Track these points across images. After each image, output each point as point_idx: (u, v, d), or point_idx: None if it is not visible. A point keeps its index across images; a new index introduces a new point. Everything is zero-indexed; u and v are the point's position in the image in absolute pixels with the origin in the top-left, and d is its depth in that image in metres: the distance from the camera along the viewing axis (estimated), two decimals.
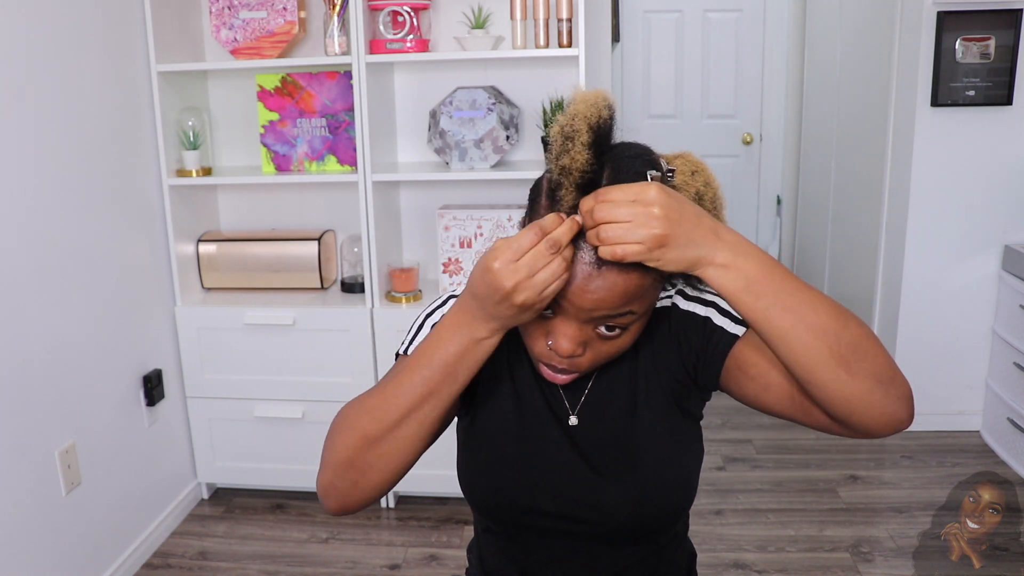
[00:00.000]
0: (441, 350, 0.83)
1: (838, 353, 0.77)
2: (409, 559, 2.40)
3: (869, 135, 3.33)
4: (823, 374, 0.77)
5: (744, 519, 2.56)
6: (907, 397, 0.80)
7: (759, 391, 0.91)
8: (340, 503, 0.89)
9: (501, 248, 0.77)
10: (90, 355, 2.19)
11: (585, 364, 0.90)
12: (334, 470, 0.87)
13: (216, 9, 2.45)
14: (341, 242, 2.71)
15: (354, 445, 0.86)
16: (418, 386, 0.84)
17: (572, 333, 0.86)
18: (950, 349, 3.02)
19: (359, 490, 0.87)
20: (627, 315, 0.86)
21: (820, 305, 0.78)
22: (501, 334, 0.83)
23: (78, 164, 2.13)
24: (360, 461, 0.86)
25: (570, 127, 0.79)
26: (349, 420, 0.87)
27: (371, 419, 0.85)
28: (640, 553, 1.05)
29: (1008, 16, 2.72)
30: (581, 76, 2.31)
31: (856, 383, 0.77)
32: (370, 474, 0.86)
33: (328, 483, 0.88)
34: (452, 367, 0.83)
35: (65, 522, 2.07)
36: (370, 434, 0.85)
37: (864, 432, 0.81)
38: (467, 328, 0.82)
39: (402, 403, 0.84)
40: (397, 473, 0.87)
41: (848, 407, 0.79)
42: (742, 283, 0.77)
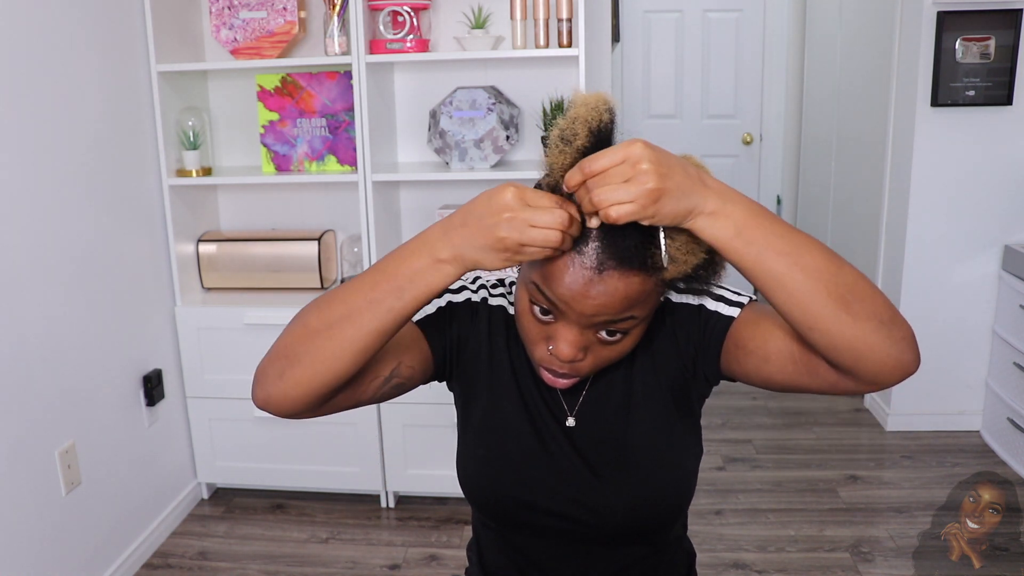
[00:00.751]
0: (399, 260, 0.81)
1: (836, 294, 0.75)
2: (409, 559, 2.40)
3: (869, 135, 3.33)
4: (824, 317, 0.76)
5: (744, 519, 2.56)
6: (910, 339, 0.78)
7: (760, 364, 0.90)
8: (264, 392, 0.84)
9: (524, 187, 0.76)
10: (90, 355, 2.19)
11: (586, 368, 0.90)
12: (270, 355, 0.85)
13: (216, 9, 2.45)
14: (341, 242, 2.71)
15: (294, 333, 0.83)
16: (366, 289, 0.81)
17: (573, 338, 0.86)
18: (950, 349, 3.02)
19: (283, 381, 0.83)
20: (628, 320, 0.85)
21: (813, 247, 0.77)
22: (460, 268, 0.79)
23: (78, 164, 2.13)
24: (292, 351, 0.83)
25: (570, 131, 0.79)
26: (302, 311, 0.85)
27: (317, 311, 0.83)
28: (639, 553, 1.05)
29: (1008, 16, 2.72)
30: (581, 76, 2.31)
31: (858, 324, 0.76)
32: (296, 367, 0.82)
33: (261, 368, 0.85)
34: (402, 282, 0.80)
35: (65, 522, 2.07)
36: (311, 325, 0.83)
37: (871, 380, 0.79)
38: (432, 244, 0.80)
39: (347, 302, 0.82)
40: (320, 376, 0.82)
41: (853, 352, 0.77)
42: (732, 229, 0.76)
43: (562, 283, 0.82)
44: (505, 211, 0.75)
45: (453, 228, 0.79)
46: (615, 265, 0.81)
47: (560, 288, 0.82)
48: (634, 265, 0.81)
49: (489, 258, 0.77)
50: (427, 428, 2.53)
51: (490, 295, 1.04)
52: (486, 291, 1.05)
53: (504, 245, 0.76)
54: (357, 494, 2.73)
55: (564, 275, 0.82)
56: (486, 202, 0.77)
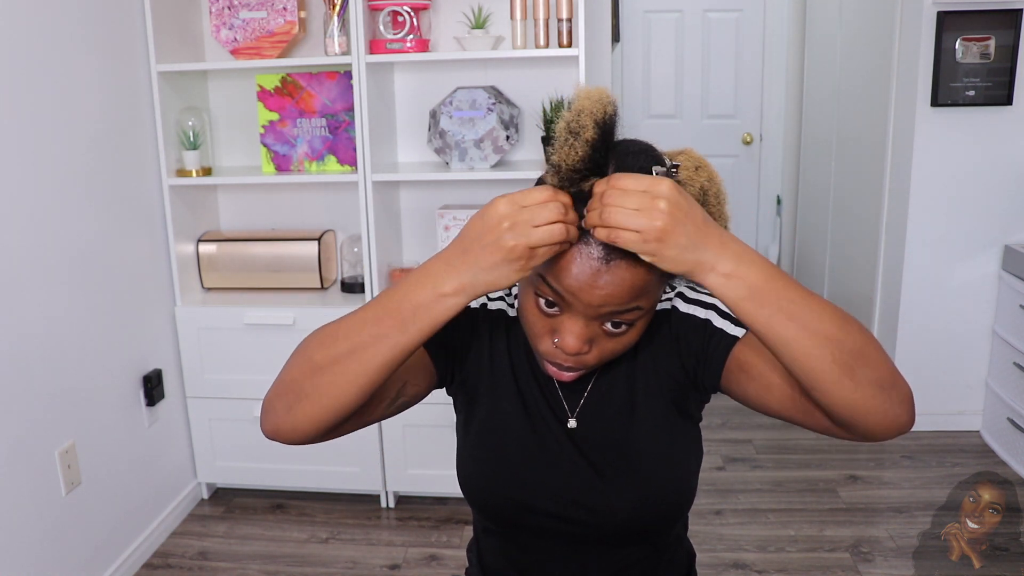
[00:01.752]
0: (402, 296, 0.80)
1: (841, 360, 0.76)
2: (409, 559, 2.41)
3: (869, 135, 3.33)
4: (826, 381, 0.77)
5: (744, 519, 2.56)
6: (908, 401, 0.80)
7: (761, 391, 0.91)
8: (272, 424, 0.85)
9: (510, 194, 0.76)
10: (90, 355, 2.19)
11: (591, 361, 0.90)
12: (276, 389, 0.85)
13: (216, 9, 2.45)
14: (341, 242, 2.71)
15: (299, 368, 0.83)
16: (370, 325, 0.81)
17: (579, 330, 0.86)
18: (950, 349, 3.02)
19: (291, 415, 0.83)
20: (634, 311, 0.86)
21: (823, 313, 0.77)
22: (466, 297, 0.79)
23: (78, 164, 2.13)
24: (299, 387, 0.83)
25: (576, 123, 0.78)
26: (306, 344, 0.85)
27: (321, 346, 0.83)
28: (639, 554, 1.05)
29: (1008, 16, 2.72)
30: (581, 76, 2.31)
31: (859, 390, 0.77)
32: (304, 402, 0.82)
33: (268, 401, 0.85)
34: (406, 316, 0.79)
35: (65, 522, 2.07)
36: (316, 361, 0.82)
37: (865, 436, 0.82)
38: (436, 279, 0.79)
39: (352, 338, 0.81)
40: (330, 410, 0.82)
41: (851, 413, 0.79)
42: (744, 291, 0.76)
43: (570, 274, 0.82)
44: (503, 221, 0.75)
45: (455, 258, 0.78)
46: (622, 255, 0.81)
47: (568, 279, 0.82)
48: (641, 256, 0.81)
49: (503, 274, 0.77)
50: (427, 428, 2.53)
51: (488, 299, 1.04)
52: (484, 297, 1.05)
53: (515, 254, 0.75)
54: (357, 494, 2.73)
55: (572, 266, 0.82)
56: (480, 222, 0.76)
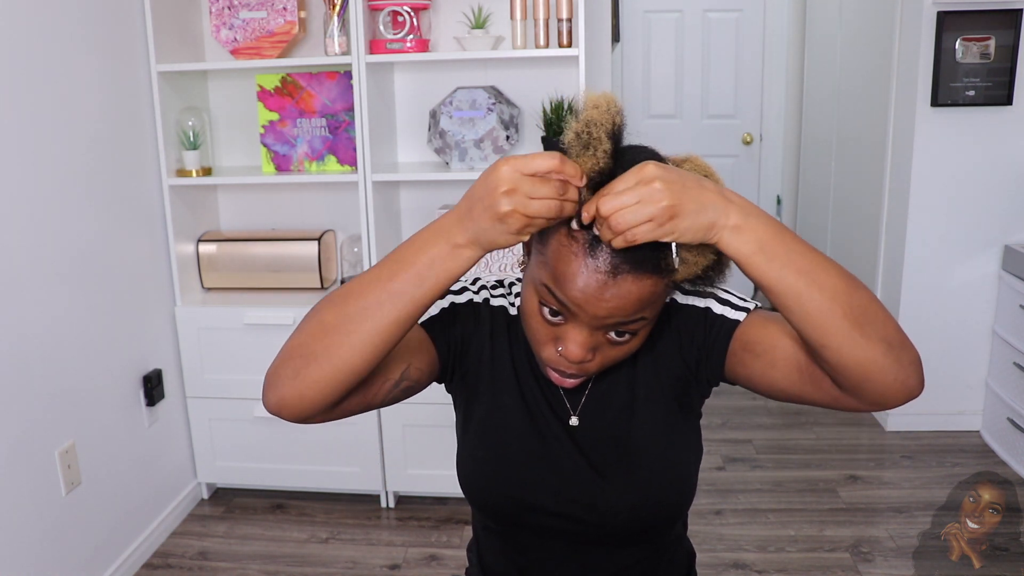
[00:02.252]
0: (416, 249, 0.80)
1: (851, 315, 0.76)
2: (409, 559, 2.40)
3: (869, 135, 3.33)
4: (837, 335, 0.77)
5: (744, 519, 2.56)
6: (917, 363, 0.80)
7: (766, 368, 0.90)
8: (276, 395, 0.82)
9: (516, 157, 0.76)
10: (90, 355, 2.19)
11: (594, 368, 0.90)
12: (282, 356, 0.83)
13: (216, 9, 2.45)
14: (341, 242, 2.71)
15: (309, 331, 0.82)
16: (384, 281, 0.80)
17: (583, 339, 0.86)
18: (950, 349, 3.02)
19: (298, 381, 0.81)
20: (639, 321, 0.86)
21: (830, 267, 0.78)
22: (479, 250, 0.79)
23: (78, 164, 2.13)
24: (308, 349, 0.81)
25: (587, 134, 0.79)
26: (315, 309, 0.84)
27: (332, 306, 0.82)
28: (639, 553, 1.05)
29: (1008, 16, 2.72)
30: (581, 76, 2.31)
31: (869, 346, 0.77)
32: (312, 365, 0.81)
33: (273, 370, 0.83)
34: (422, 269, 0.80)
35: (65, 522, 2.07)
36: (326, 321, 0.81)
37: (875, 400, 0.80)
38: (448, 231, 0.79)
39: (365, 295, 0.81)
40: (337, 373, 0.81)
41: (862, 372, 0.78)
42: (755, 244, 0.76)
43: (575, 286, 0.82)
44: (502, 185, 0.75)
45: (462, 214, 0.78)
46: (629, 269, 0.81)
47: (573, 291, 0.82)
48: (647, 268, 0.81)
49: (501, 236, 0.77)
50: (427, 428, 2.53)
51: (491, 296, 1.04)
52: (487, 292, 1.05)
53: (510, 219, 0.75)
54: (357, 494, 2.73)
55: (577, 278, 0.82)
56: (484, 183, 0.76)
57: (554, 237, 0.83)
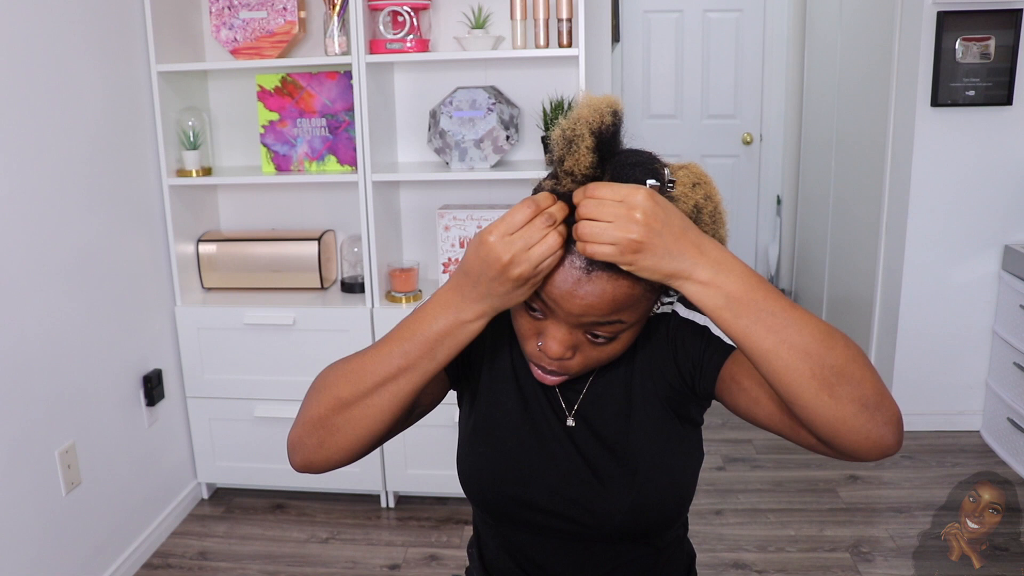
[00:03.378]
0: (425, 326, 0.83)
1: (820, 376, 0.76)
2: (409, 559, 2.41)
3: (869, 135, 3.33)
4: (804, 396, 0.77)
5: (744, 519, 2.56)
6: (894, 422, 0.79)
7: (750, 404, 0.91)
8: (304, 459, 0.88)
9: (496, 223, 0.77)
10: (90, 355, 2.19)
11: (575, 367, 0.91)
12: (304, 427, 0.87)
13: (216, 9, 2.45)
14: (341, 242, 2.71)
15: (327, 405, 0.85)
16: (397, 358, 0.83)
17: (561, 336, 0.87)
18: (950, 349, 3.02)
19: (324, 450, 0.86)
20: (615, 324, 0.86)
21: (805, 327, 0.76)
22: (487, 319, 0.82)
23: (78, 164, 2.13)
24: (330, 422, 0.85)
25: (571, 131, 0.79)
26: (327, 380, 0.87)
27: (347, 383, 0.85)
28: (638, 553, 1.05)
29: (1008, 16, 2.72)
30: (581, 76, 2.31)
31: (839, 407, 0.76)
32: (337, 436, 0.86)
33: (296, 438, 0.88)
34: (432, 345, 0.83)
35: (65, 522, 2.07)
36: (344, 397, 0.85)
37: (850, 455, 0.80)
38: (455, 308, 0.82)
39: (379, 372, 0.84)
40: (363, 440, 0.87)
41: (831, 430, 0.78)
42: (722, 301, 0.76)
43: (552, 282, 0.83)
44: (501, 256, 0.77)
45: (467, 290, 0.81)
46: (604, 267, 0.81)
47: (550, 287, 0.83)
48: (623, 269, 0.81)
49: (519, 296, 0.81)
50: (427, 428, 2.52)
51: None
52: None
53: (522, 279, 0.78)
54: (357, 494, 2.73)
55: (555, 274, 0.82)
56: (479, 261, 0.78)
57: None
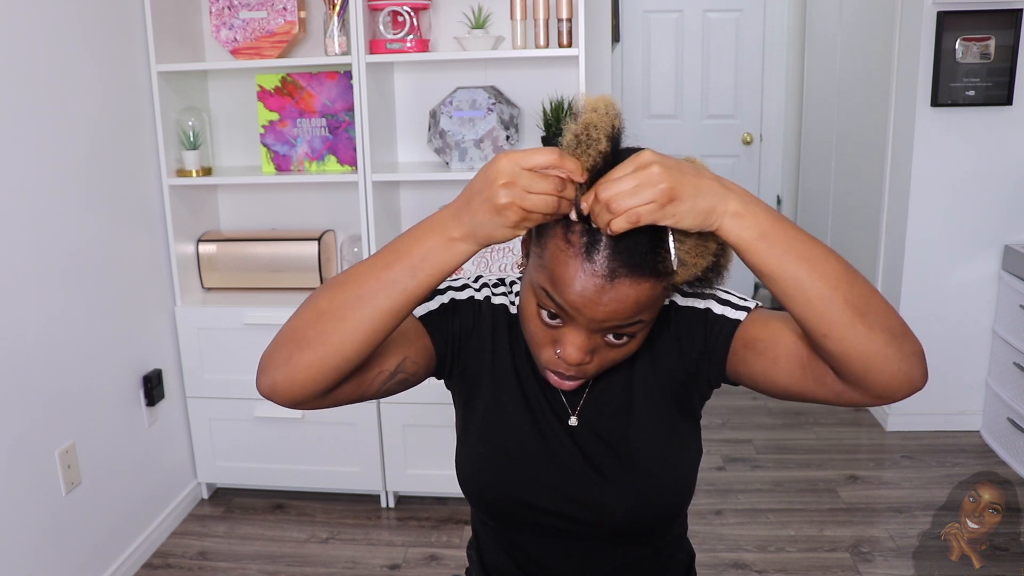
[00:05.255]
0: (412, 241, 0.81)
1: (853, 303, 0.76)
2: (409, 559, 2.41)
3: (869, 135, 3.33)
4: (839, 324, 0.77)
5: (744, 519, 2.56)
6: (920, 355, 0.79)
7: (768, 365, 0.90)
8: (269, 379, 0.84)
9: (517, 152, 0.76)
10: (90, 355, 2.19)
11: (592, 370, 0.90)
12: (277, 340, 0.84)
13: (216, 9, 2.45)
14: (341, 242, 2.71)
15: (303, 317, 0.83)
16: (379, 270, 0.81)
17: (581, 342, 0.86)
18: (950, 349, 3.02)
19: (290, 366, 0.82)
20: (637, 324, 0.86)
21: (831, 256, 0.78)
22: (473, 245, 0.79)
23: (78, 164, 2.13)
24: (301, 334, 0.82)
25: (586, 135, 0.79)
26: (311, 296, 0.85)
27: (327, 293, 0.83)
28: (638, 552, 1.05)
29: (1008, 16, 2.72)
30: (581, 76, 2.31)
31: (872, 335, 0.77)
32: (305, 350, 0.82)
33: (267, 354, 0.85)
34: (416, 261, 0.80)
35: (65, 522, 2.07)
36: (321, 308, 0.82)
37: (879, 393, 0.80)
38: (444, 224, 0.80)
39: (360, 284, 0.82)
40: (330, 359, 0.82)
41: (864, 362, 0.78)
42: (756, 231, 0.76)
43: (573, 290, 0.82)
44: (501, 178, 0.75)
45: (461, 207, 0.79)
46: (627, 272, 0.81)
47: (571, 295, 0.82)
48: (645, 271, 0.81)
49: (498, 230, 0.77)
50: (427, 428, 2.53)
51: (492, 294, 1.04)
52: (488, 290, 1.05)
53: (507, 212, 0.75)
54: (357, 494, 2.73)
55: (575, 282, 0.82)
56: (483, 176, 0.77)
57: (551, 240, 0.83)
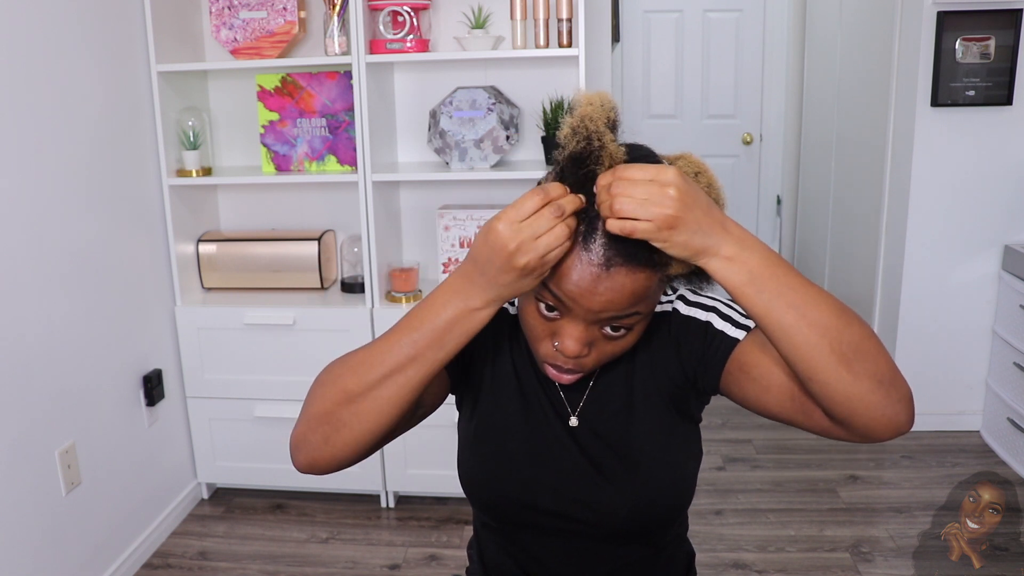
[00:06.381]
0: (433, 315, 0.82)
1: (839, 351, 0.77)
2: (409, 559, 2.41)
3: (869, 135, 3.33)
4: (824, 371, 0.78)
5: (744, 519, 2.56)
6: (907, 400, 0.80)
7: (760, 392, 0.91)
8: (309, 457, 0.86)
9: (505, 211, 0.77)
10: (90, 355, 2.19)
11: (590, 364, 0.91)
12: (308, 423, 0.85)
13: (216, 9, 2.45)
14: (341, 242, 2.71)
15: (333, 399, 0.84)
16: (405, 347, 0.82)
17: (578, 334, 0.87)
18: (950, 349, 3.02)
19: (329, 446, 0.84)
20: (633, 316, 0.86)
21: (823, 303, 0.78)
22: (495, 307, 0.82)
23: (78, 164, 2.13)
24: (335, 417, 0.84)
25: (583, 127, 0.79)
26: (332, 375, 0.85)
27: (353, 375, 0.84)
28: (639, 553, 1.05)
29: (1008, 16, 2.72)
30: (581, 76, 2.31)
31: (857, 383, 0.77)
32: (343, 431, 0.84)
33: (301, 436, 0.86)
34: (441, 334, 0.82)
35: (65, 522, 2.07)
36: (350, 390, 0.83)
37: (864, 435, 0.81)
38: (463, 295, 0.82)
39: (386, 363, 0.83)
40: (369, 436, 0.84)
41: (848, 407, 0.79)
42: (745, 276, 0.77)
43: (570, 280, 0.82)
44: (508, 244, 0.76)
45: (475, 277, 0.81)
46: (622, 261, 0.81)
47: (568, 285, 0.83)
48: (641, 261, 0.81)
49: (525, 285, 0.80)
50: (427, 428, 2.51)
51: None
52: None
53: (529, 269, 0.77)
54: (357, 494, 2.73)
55: (572, 272, 0.82)
56: (487, 247, 0.78)
57: None
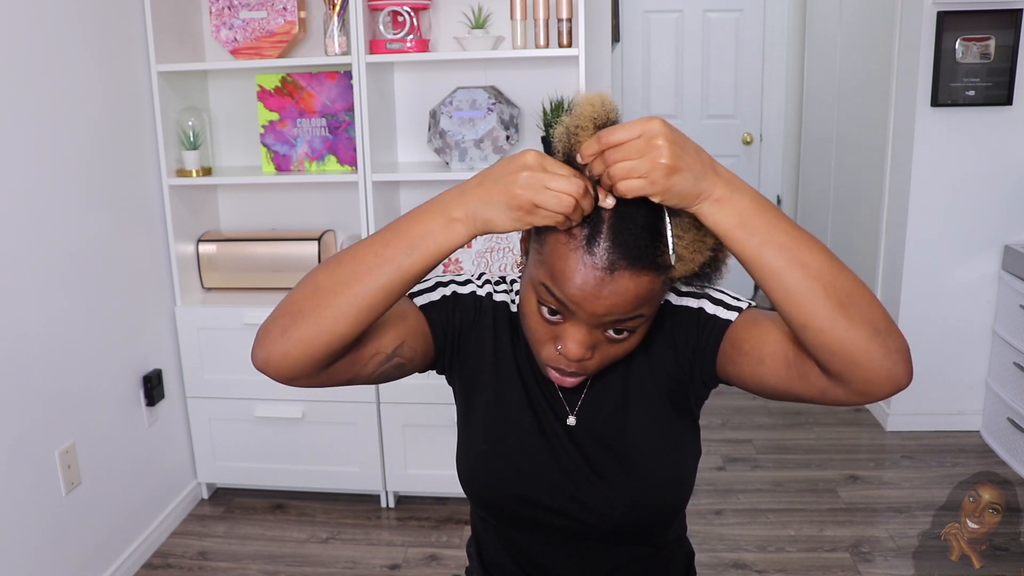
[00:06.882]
0: (412, 220, 0.82)
1: (834, 295, 0.76)
2: (409, 559, 2.40)
3: (869, 135, 3.33)
4: (819, 316, 0.76)
5: (744, 519, 2.56)
6: (904, 351, 0.78)
7: (754, 365, 0.90)
8: (264, 352, 0.84)
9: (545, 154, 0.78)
10: (90, 355, 2.19)
11: (593, 366, 0.91)
12: (274, 314, 0.85)
13: (216, 9, 2.45)
14: (341, 242, 2.71)
15: (302, 291, 0.84)
16: (377, 247, 0.82)
17: (582, 338, 0.87)
18: (950, 349, 3.02)
19: (284, 339, 0.83)
20: (637, 318, 0.86)
21: (814, 247, 0.77)
22: (472, 227, 0.80)
23: (78, 164, 2.13)
24: (298, 307, 0.83)
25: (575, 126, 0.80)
26: (312, 271, 0.86)
27: (326, 269, 0.84)
28: (637, 552, 1.06)
29: (1008, 16, 2.72)
30: (581, 76, 2.31)
31: (852, 328, 0.76)
32: (301, 323, 0.82)
33: (263, 327, 0.85)
34: (413, 240, 0.81)
35: (65, 522, 2.07)
36: (319, 283, 0.83)
37: (861, 389, 0.79)
38: (447, 204, 0.80)
39: (357, 260, 0.82)
40: (325, 334, 0.82)
41: (845, 355, 0.77)
42: (736, 219, 0.76)
43: (573, 284, 0.82)
44: (524, 170, 0.76)
45: (469, 188, 0.80)
46: (626, 265, 0.81)
47: (571, 289, 0.83)
48: (644, 264, 0.81)
49: (501, 216, 0.78)
50: (427, 428, 2.53)
51: (494, 291, 1.05)
52: (491, 286, 1.05)
53: (518, 202, 0.76)
54: (357, 494, 2.72)
55: (575, 276, 0.82)
56: (506, 163, 0.78)
57: (552, 235, 0.84)
